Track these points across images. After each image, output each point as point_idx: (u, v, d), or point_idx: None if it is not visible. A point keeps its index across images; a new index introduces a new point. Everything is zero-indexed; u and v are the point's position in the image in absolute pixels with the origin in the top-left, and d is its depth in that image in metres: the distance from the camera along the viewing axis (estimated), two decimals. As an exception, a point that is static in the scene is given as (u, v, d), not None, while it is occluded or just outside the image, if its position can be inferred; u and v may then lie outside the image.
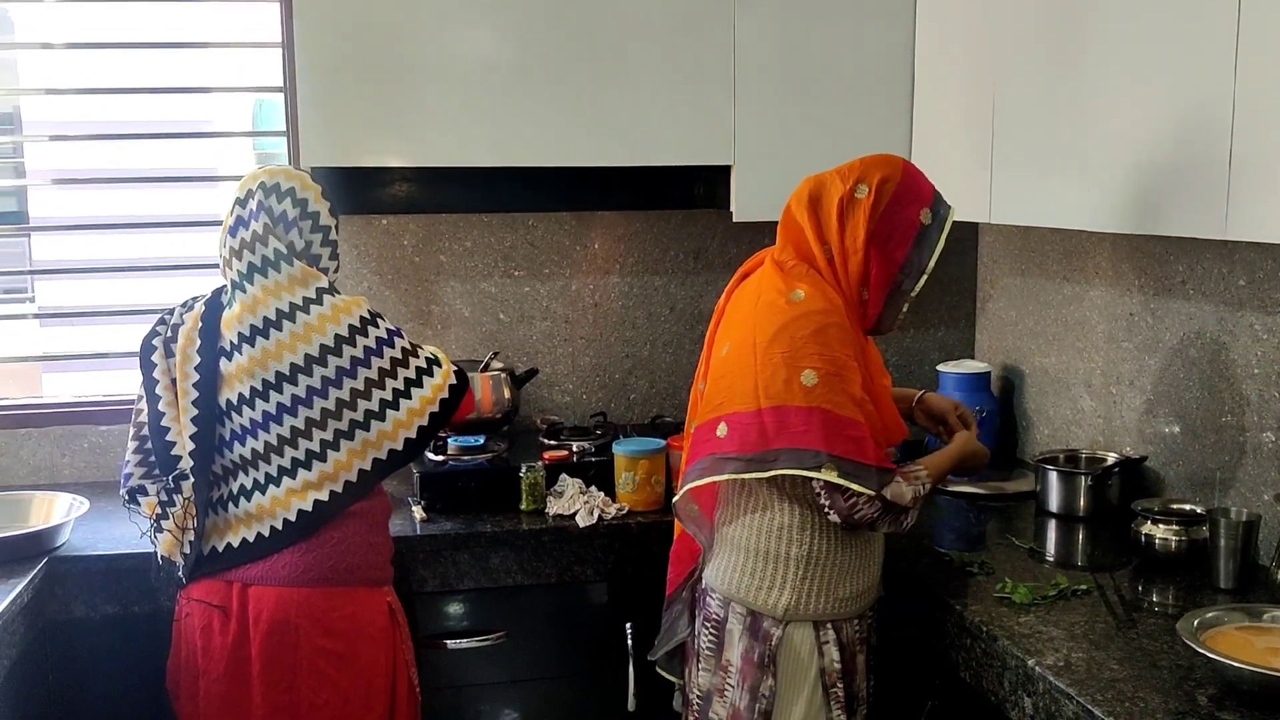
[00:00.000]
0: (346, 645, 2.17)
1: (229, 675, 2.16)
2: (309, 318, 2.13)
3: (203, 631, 2.18)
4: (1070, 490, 2.65)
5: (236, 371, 2.14)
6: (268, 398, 2.12)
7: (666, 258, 3.32)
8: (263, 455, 2.15)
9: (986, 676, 2.01)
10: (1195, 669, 1.81)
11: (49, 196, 4.20)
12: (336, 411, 2.13)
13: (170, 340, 2.22)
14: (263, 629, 2.14)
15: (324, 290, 2.17)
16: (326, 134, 2.74)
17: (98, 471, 3.03)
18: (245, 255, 2.16)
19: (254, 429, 2.14)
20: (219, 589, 2.18)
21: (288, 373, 2.12)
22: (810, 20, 2.91)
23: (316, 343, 2.12)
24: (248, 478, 2.17)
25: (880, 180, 2.07)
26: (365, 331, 2.16)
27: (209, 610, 2.17)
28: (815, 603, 2.06)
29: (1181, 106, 2.00)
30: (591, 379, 3.32)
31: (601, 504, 2.67)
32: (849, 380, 1.99)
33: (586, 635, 2.68)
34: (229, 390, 2.15)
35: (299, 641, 2.15)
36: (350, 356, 2.14)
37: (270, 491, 2.15)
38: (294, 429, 2.13)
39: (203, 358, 2.16)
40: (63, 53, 3.18)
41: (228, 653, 2.16)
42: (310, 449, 2.14)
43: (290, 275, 2.15)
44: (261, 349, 2.12)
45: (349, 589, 2.19)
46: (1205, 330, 2.46)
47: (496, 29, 2.79)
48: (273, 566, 2.15)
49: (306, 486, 2.14)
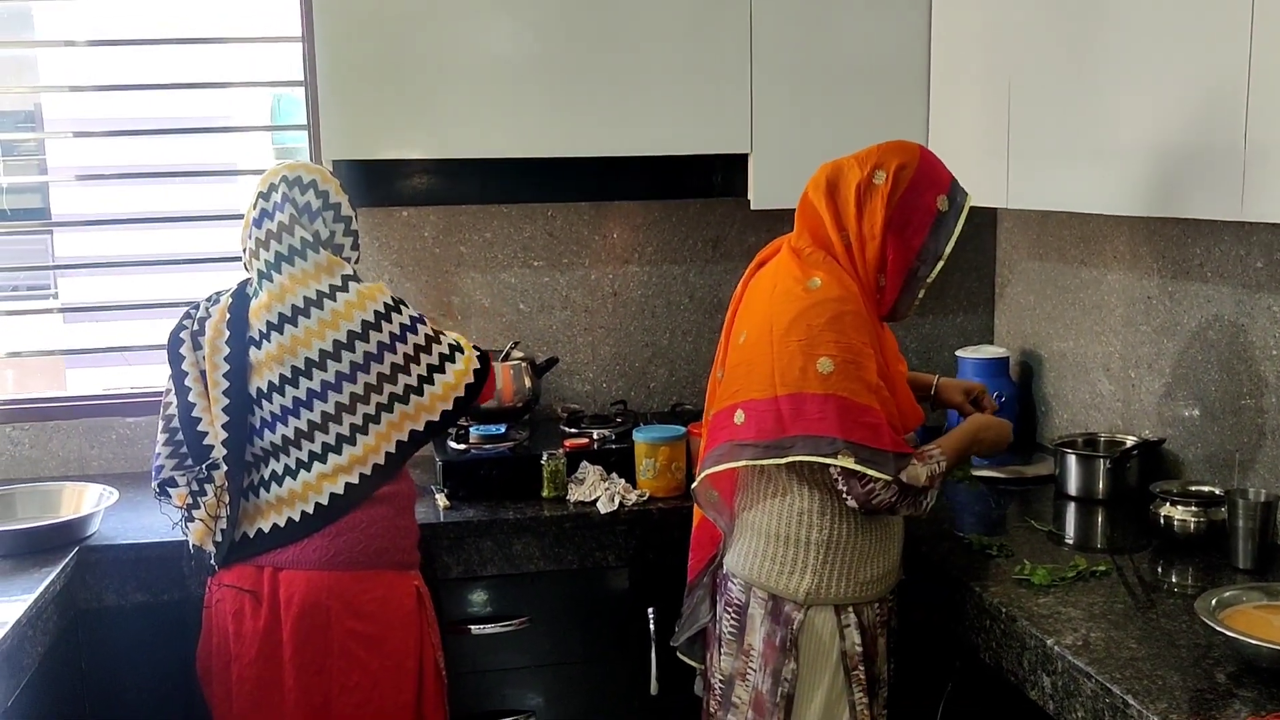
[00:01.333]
0: (376, 628, 2.21)
1: (261, 658, 2.20)
2: (335, 304, 2.17)
3: (234, 616, 2.21)
4: (1089, 473, 2.66)
5: (266, 359, 2.18)
6: (297, 384, 2.16)
7: (685, 246, 3.33)
8: (293, 441, 2.18)
9: (1006, 657, 2.02)
10: (1214, 647, 1.82)
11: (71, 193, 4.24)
12: (364, 396, 2.17)
13: (198, 333, 2.25)
14: (294, 612, 2.17)
15: (349, 278, 2.21)
16: (347, 127, 2.76)
17: (126, 463, 3.08)
18: (272, 245, 2.20)
19: (284, 415, 2.18)
20: (250, 574, 2.21)
21: (316, 359, 2.16)
22: (827, 8, 2.91)
23: (344, 329, 2.16)
24: (278, 463, 2.20)
25: (898, 167, 2.08)
26: (389, 318, 2.20)
27: (240, 595, 2.21)
28: (836, 587, 2.08)
29: (1197, 89, 2.00)
30: (611, 367, 3.34)
31: (622, 490, 2.69)
32: (865, 367, 2.00)
33: (608, 620, 2.70)
34: (259, 378, 2.19)
35: (330, 624, 2.18)
36: (377, 342, 2.18)
37: (301, 476, 2.18)
38: (324, 414, 2.17)
39: (232, 348, 2.20)
40: (83, 50, 3.21)
41: (259, 636, 2.19)
42: (340, 433, 2.17)
43: (316, 263, 2.19)
44: (290, 336, 2.16)
45: (378, 572, 2.22)
46: (1223, 313, 2.46)
47: (515, 21, 2.81)
48: (303, 551, 2.19)
49: (336, 470, 2.18)
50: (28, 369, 3.82)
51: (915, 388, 2.44)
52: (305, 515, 2.19)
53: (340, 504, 2.19)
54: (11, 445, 3.03)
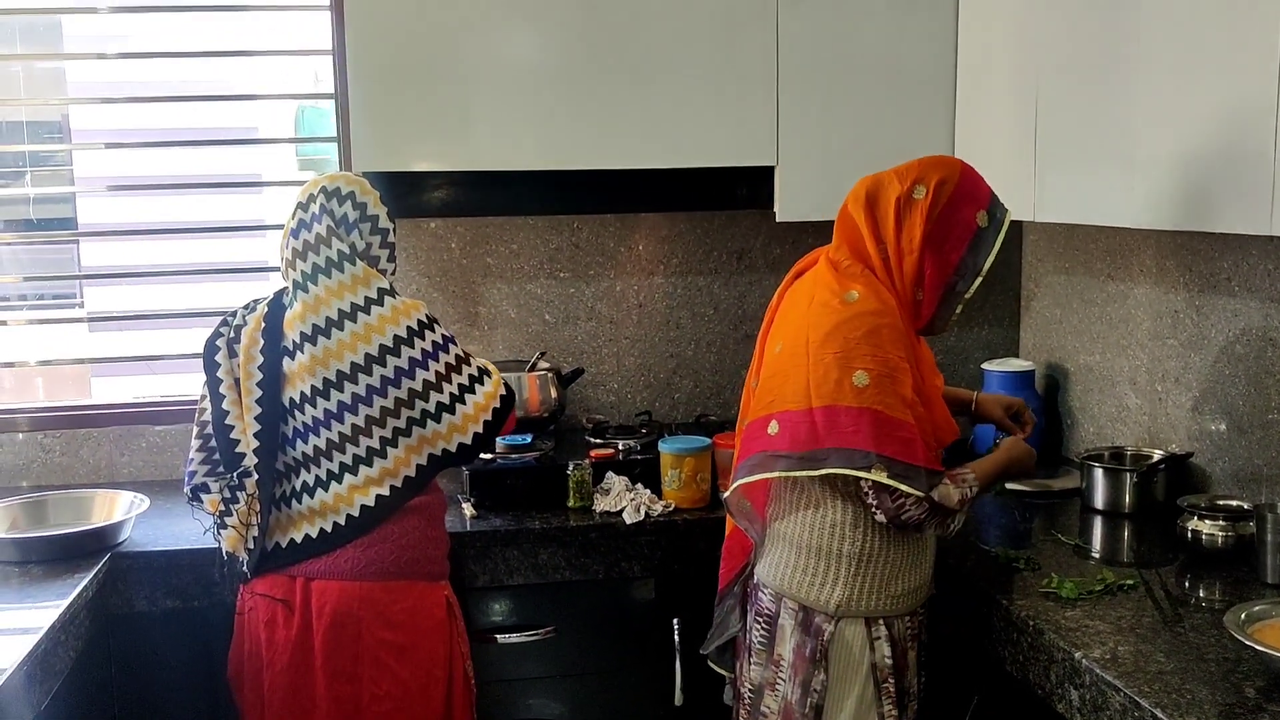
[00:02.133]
0: (406, 637, 2.22)
1: (292, 667, 2.22)
2: (369, 318, 2.18)
3: (266, 625, 2.23)
4: (1116, 487, 2.65)
5: (299, 370, 2.20)
6: (329, 395, 2.18)
7: (710, 258, 3.35)
8: (325, 452, 2.20)
9: (1033, 670, 2.02)
10: (1243, 662, 1.82)
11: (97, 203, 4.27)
12: (395, 410, 2.19)
13: (233, 341, 2.27)
14: (325, 622, 2.19)
15: (385, 291, 2.23)
16: (377, 139, 2.79)
17: (156, 470, 3.10)
18: (310, 256, 2.22)
19: (316, 426, 2.19)
20: (282, 583, 2.23)
21: (348, 371, 2.17)
22: (853, 20, 2.93)
23: (376, 343, 2.18)
24: (309, 474, 2.22)
25: (938, 182, 2.08)
26: (422, 335, 2.22)
27: (273, 604, 2.23)
28: (868, 599, 2.08)
29: (1225, 103, 2.01)
30: (636, 378, 3.36)
31: (648, 501, 2.70)
32: (900, 381, 2.01)
33: (634, 630, 2.71)
34: (292, 388, 2.21)
35: (361, 633, 2.20)
36: (408, 358, 2.19)
37: (333, 487, 2.20)
38: (355, 426, 2.18)
39: (266, 357, 2.22)
40: (112, 62, 3.24)
41: (291, 645, 2.21)
42: (371, 445, 2.19)
43: (353, 275, 2.21)
44: (323, 347, 2.17)
45: (408, 582, 2.24)
46: (1251, 327, 2.46)
47: (542, 34, 2.83)
48: (335, 561, 2.20)
49: (368, 482, 2.20)
50: (53, 377, 3.85)
51: (953, 403, 2.45)
52: (337, 526, 2.21)
53: (371, 516, 2.20)
54: (43, 452, 3.05)
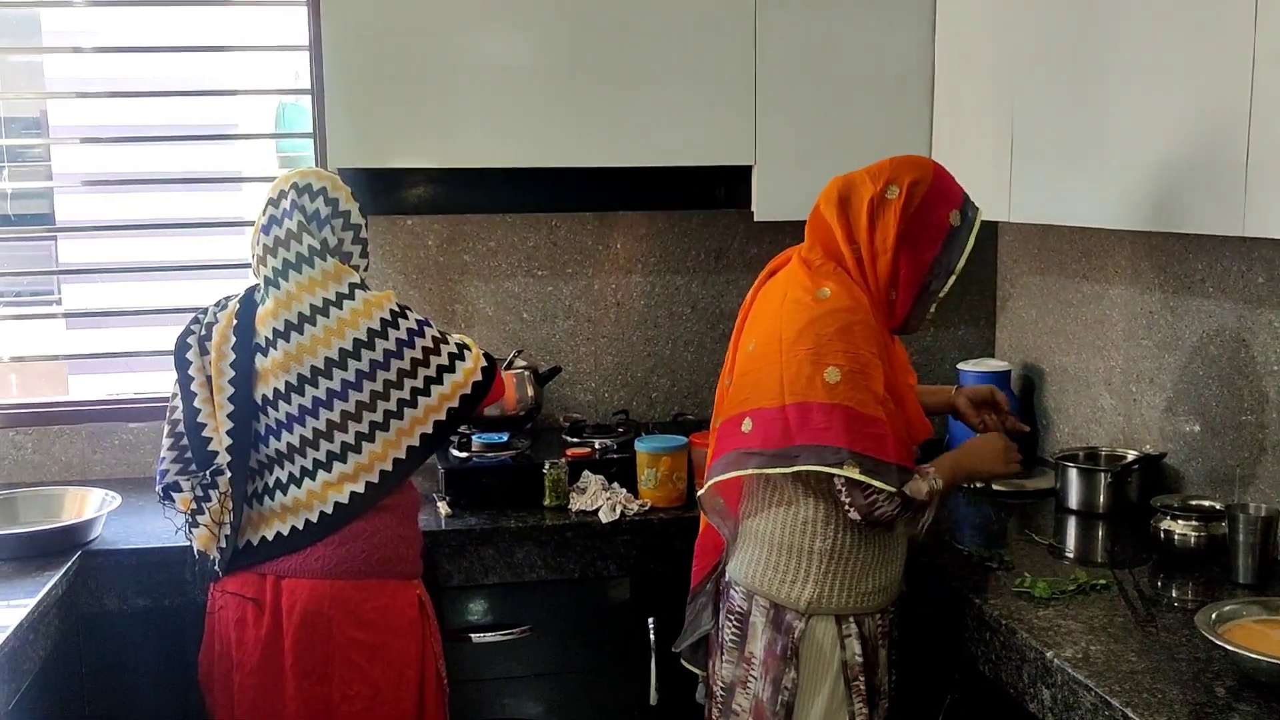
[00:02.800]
0: (378, 636, 2.21)
1: (262, 666, 2.20)
2: (341, 312, 2.17)
3: (237, 624, 2.22)
4: (1090, 487, 2.66)
5: (272, 366, 2.18)
6: (303, 392, 2.17)
7: (688, 257, 3.34)
8: (299, 449, 2.19)
9: (1005, 669, 2.03)
10: (1213, 661, 1.82)
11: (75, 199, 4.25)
12: (371, 403, 2.18)
13: (205, 338, 2.26)
14: (295, 621, 2.18)
15: (355, 285, 2.22)
16: (354, 136, 2.77)
17: (128, 468, 3.08)
18: (279, 252, 2.20)
19: (290, 423, 2.18)
20: (253, 582, 2.22)
21: (322, 366, 2.16)
22: (831, 21, 2.93)
23: (350, 336, 2.17)
24: (283, 471, 2.20)
25: (911, 182, 2.08)
26: (396, 324, 2.21)
27: (243, 603, 2.21)
28: (838, 597, 2.08)
29: (1199, 104, 2.01)
30: (614, 377, 3.35)
31: (624, 500, 2.69)
32: (872, 378, 2.01)
33: (609, 630, 2.71)
34: (264, 385, 2.19)
35: (331, 633, 2.19)
36: (383, 349, 2.18)
37: (306, 485, 2.19)
38: (330, 422, 2.17)
39: (238, 354, 2.20)
40: (90, 56, 3.22)
41: (261, 644, 2.20)
42: (345, 441, 2.18)
43: (324, 271, 2.20)
44: (296, 344, 2.16)
45: (380, 581, 2.22)
46: (1225, 328, 2.47)
47: (520, 32, 2.82)
48: (306, 560, 2.19)
49: (342, 479, 2.19)
50: (30, 374, 3.83)
51: (933, 395, 2.45)
52: (309, 524, 2.19)
53: (344, 513, 2.19)
54: (14, 449, 3.03)
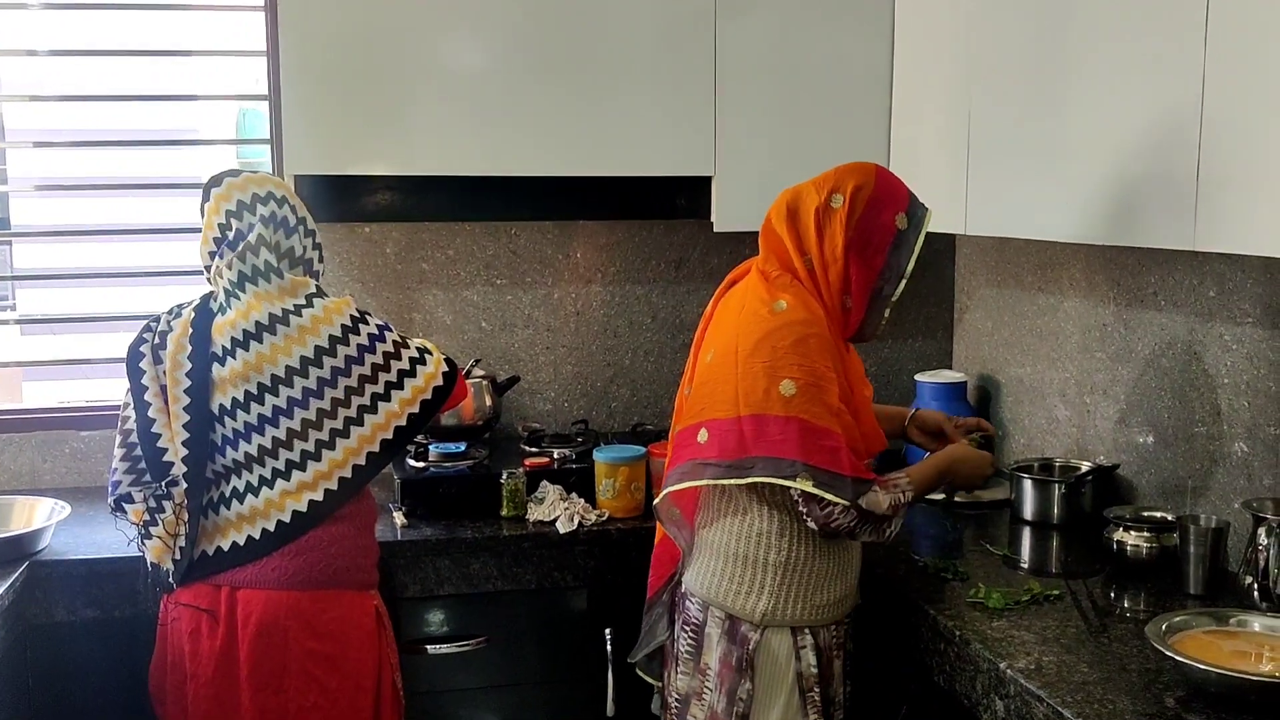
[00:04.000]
0: (334, 647, 2.19)
1: (217, 678, 2.17)
2: (301, 320, 2.16)
3: (190, 635, 2.19)
4: (1045, 498, 2.68)
5: (230, 376, 2.16)
6: (263, 400, 2.15)
7: (648, 267, 3.34)
8: (257, 458, 2.16)
9: (960, 680, 2.04)
10: (1164, 672, 1.84)
11: (31, 204, 4.20)
12: (332, 411, 2.16)
13: (159, 347, 2.22)
14: (251, 632, 2.15)
15: (313, 295, 2.21)
16: (311, 142, 2.75)
17: (79, 477, 3.04)
18: (236, 265, 2.18)
19: (248, 432, 2.16)
20: (207, 593, 2.19)
21: (283, 374, 2.14)
22: (790, 33, 2.94)
23: (311, 344, 2.15)
24: (240, 480, 2.18)
25: (854, 188, 2.10)
26: (356, 329, 2.20)
27: (197, 614, 2.18)
28: (793, 608, 2.09)
29: (1152, 121, 2.04)
30: (573, 387, 3.34)
31: (582, 510, 2.68)
32: (827, 391, 2.01)
33: (566, 641, 2.70)
34: (222, 395, 2.17)
35: (288, 644, 2.16)
36: (344, 355, 2.17)
37: (264, 494, 2.17)
38: (290, 430, 2.15)
39: (194, 363, 2.18)
40: (46, 60, 3.18)
41: (216, 656, 2.17)
42: (305, 449, 2.16)
43: (280, 286, 2.19)
44: (255, 353, 2.14)
45: (337, 592, 2.21)
46: (1177, 340, 2.50)
47: (480, 39, 2.82)
48: (262, 570, 2.17)
49: (301, 487, 2.16)
50: (-19, 380, 3.78)
51: (889, 419, 2.47)
52: (266, 533, 2.17)
53: (303, 521, 2.17)
54: (-37, 458, 2.99)
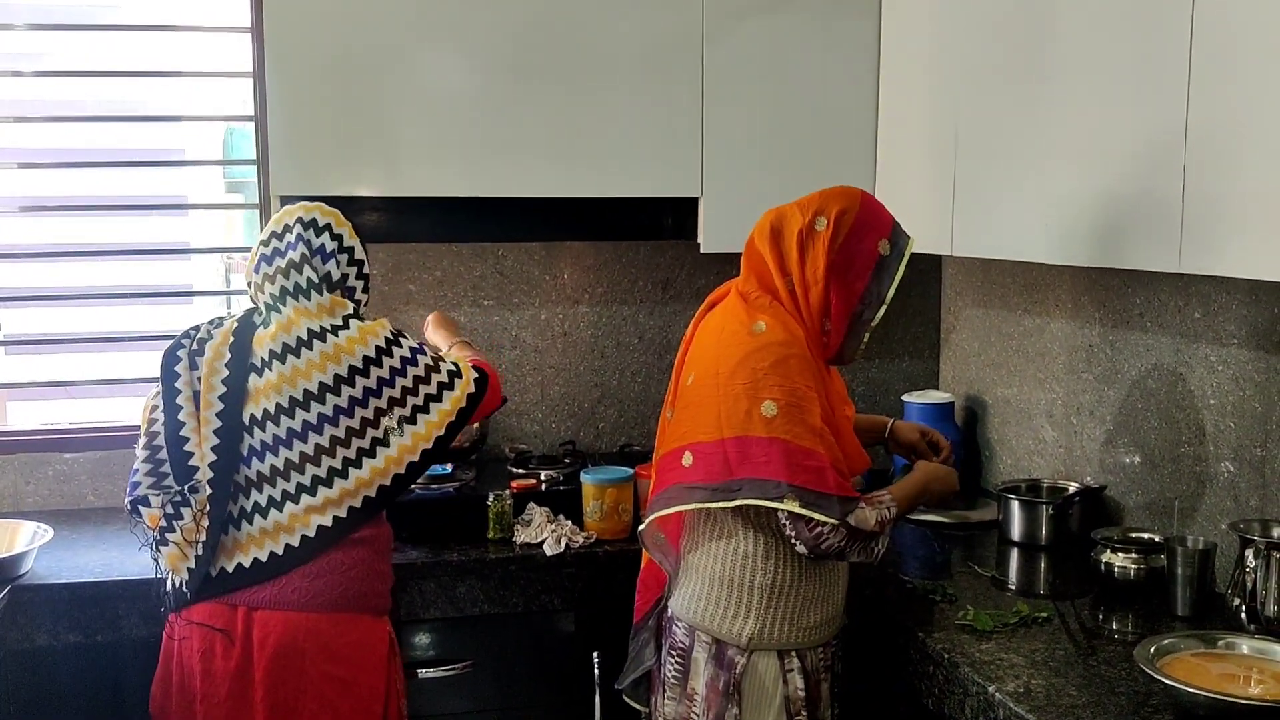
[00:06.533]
0: (349, 671, 2.18)
1: (231, 699, 2.15)
2: (338, 339, 2.18)
3: (203, 655, 2.16)
4: (1032, 519, 2.68)
5: (265, 387, 2.17)
6: (293, 414, 2.15)
7: (635, 288, 3.34)
8: (282, 472, 2.16)
9: (948, 703, 2.03)
10: (1152, 695, 1.83)
11: (15, 223, 4.18)
12: (360, 430, 2.18)
13: (196, 353, 2.23)
14: (269, 653, 2.14)
15: (349, 316, 2.24)
16: (296, 163, 2.75)
17: (62, 500, 3.02)
18: (279, 280, 2.22)
19: (276, 445, 2.16)
20: (222, 612, 2.16)
21: (315, 391, 2.16)
22: (776, 55, 2.95)
23: (345, 363, 2.17)
24: (262, 495, 2.17)
25: (838, 212, 2.10)
26: (390, 352, 2.22)
27: (211, 634, 2.16)
28: (780, 631, 2.08)
29: (1137, 143, 2.04)
30: (560, 408, 3.33)
31: (569, 533, 2.67)
32: (808, 411, 2.01)
33: (553, 665, 2.68)
34: (254, 405, 2.17)
35: (305, 667, 2.15)
36: (377, 377, 2.19)
37: (288, 508, 2.16)
38: (318, 446, 2.16)
39: (231, 371, 2.19)
40: (32, 80, 3.17)
41: (230, 677, 2.15)
42: (333, 466, 2.16)
43: (319, 304, 2.22)
44: (292, 366, 2.16)
45: (355, 616, 2.20)
46: (1163, 362, 2.50)
47: (467, 61, 2.82)
48: (282, 590, 2.15)
49: (326, 503, 2.16)
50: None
51: (868, 430, 2.46)
52: (289, 548, 2.16)
53: (324, 539, 2.16)
54: (-56, 480, 2.96)
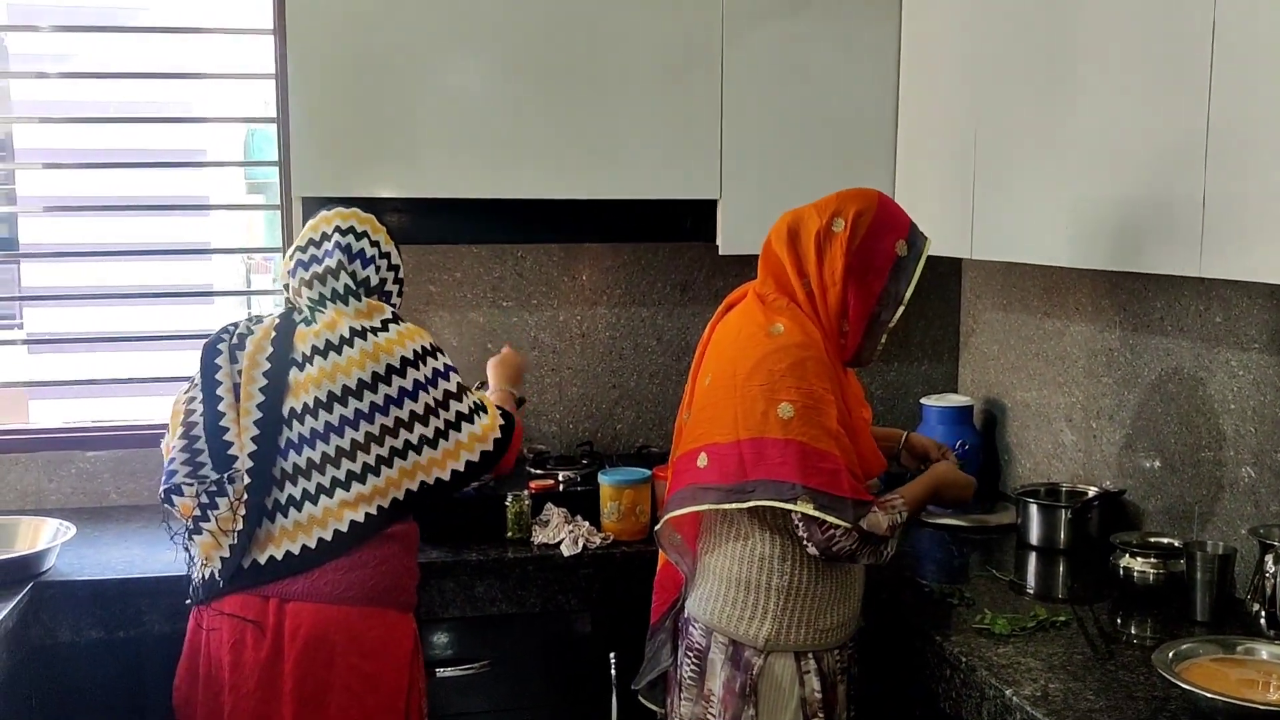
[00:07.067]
0: (376, 666, 2.21)
1: (260, 691, 2.17)
2: (378, 339, 2.23)
3: (232, 646, 2.18)
4: (1051, 523, 2.67)
5: (305, 381, 2.20)
6: (331, 409, 2.19)
7: (654, 289, 3.35)
8: (318, 465, 2.19)
9: (965, 707, 2.02)
10: (1170, 700, 1.83)
11: (39, 223, 4.22)
12: (394, 429, 2.21)
13: (236, 347, 2.27)
14: (299, 645, 2.16)
15: (389, 320, 2.28)
16: (318, 164, 2.77)
17: (84, 497, 3.04)
18: (316, 286, 2.28)
19: (313, 439, 2.19)
20: (254, 604, 2.18)
21: (354, 387, 2.19)
22: (796, 57, 2.95)
23: (384, 362, 2.21)
24: (296, 488, 2.19)
25: (856, 214, 2.10)
26: (425, 360, 2.27)
27: (241, 625, 2.18)
28: (796, 633, 2.08)
29: (1158, 146, 2.04)
30: (578, 409, 3.34)
31: (586, 533, 2.68)
32: (825, 413, 2.01)
33: (570, 665, 2.69)
34: (294, 399, 2.21)
35: (334, 659, 2.17)
36: (412, 379, 2.24)
37: (323, 501, 2.19)
38: (353, 441, 2.19)
39: (273, 364, 2.23)
40: (56, 82, 3.20)
41: (260, 668, 2.17)
42: (367, 462, 2.20)
43: (357, 309, 2.27)
44: (333, 362, 2.20)
45: (383, 610, 2.23)
46: (1183, 366, 2.49)
47: (488, 63, 2.83)
48: (315, 583, 2.18)
49: (359, 499, 2.19)
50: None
51: (882, 441, 2.45)
52: (322, 542, 2.18)
53: (357, 533, 2.19)
54: (-31, 478, 2.99)
